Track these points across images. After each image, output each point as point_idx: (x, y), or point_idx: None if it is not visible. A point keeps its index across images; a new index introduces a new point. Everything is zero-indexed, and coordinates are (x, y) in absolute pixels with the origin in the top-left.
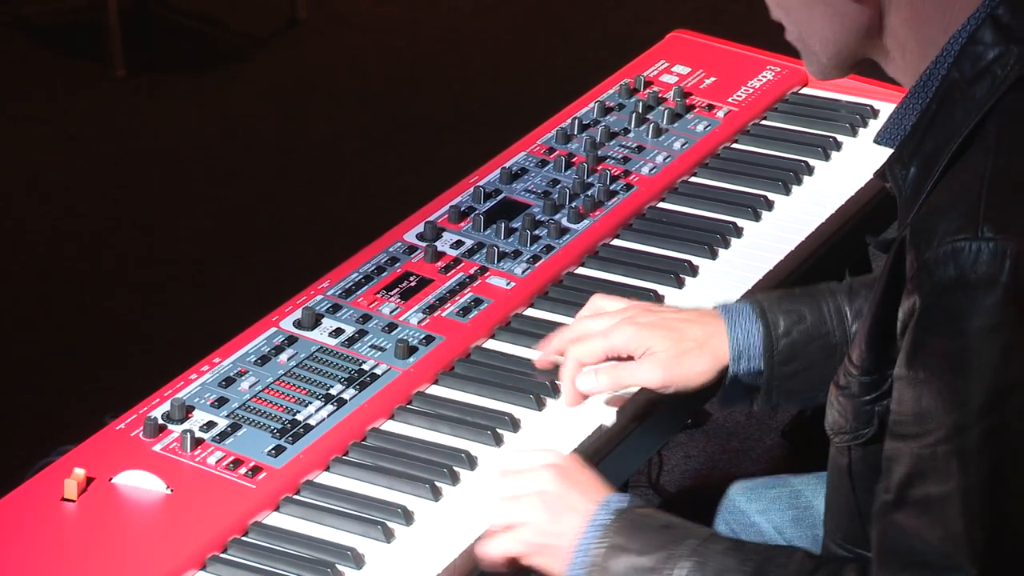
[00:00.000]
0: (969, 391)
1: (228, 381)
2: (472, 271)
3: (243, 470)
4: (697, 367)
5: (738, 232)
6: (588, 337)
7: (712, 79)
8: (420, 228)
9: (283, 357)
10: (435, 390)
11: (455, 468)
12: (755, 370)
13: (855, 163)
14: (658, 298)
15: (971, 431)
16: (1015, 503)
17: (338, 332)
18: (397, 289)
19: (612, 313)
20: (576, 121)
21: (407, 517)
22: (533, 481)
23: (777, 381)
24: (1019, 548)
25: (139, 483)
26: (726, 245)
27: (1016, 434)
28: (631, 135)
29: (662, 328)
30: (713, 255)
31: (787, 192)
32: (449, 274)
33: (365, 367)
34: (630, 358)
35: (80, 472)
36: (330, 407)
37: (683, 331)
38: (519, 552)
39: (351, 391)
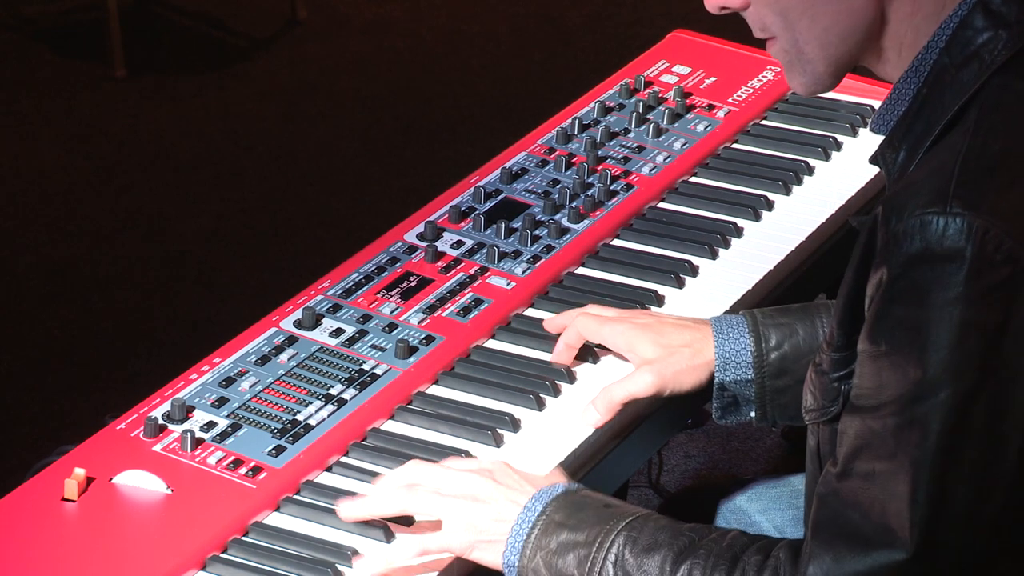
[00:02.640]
0: (925, 363)
1: (228, 381)
2: (472, 271)
3: (243, 470)
4: (686, 369)
5: (738, 232)
6: (592, 316)
7: (712, 79)
8: (420, 228)
9: (283, 357)
10: (435, 390)
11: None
12: (743, 380)
13: (855, 163)
14: (658, 298)
15: (923, 404)
16: (957, 483)
17: (338, 332)
18: (397, 289)
19: (615, 311)
20: (576, 121)
21: (407, 517)
22: (461, 483)
23: (769, 395)
24: (956, 529)
25: (139, 483)
26: (726, 245)
27: (964, 411)
28: (631, 135)
29: (653, 331)
30: (713, 255)
31: (787, 192)
32: (449, 274)
33: (365, 367)
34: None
35: (80, 472)
36: (330, 407)
37: (672, 335)
38: (455, 550)
39: (351, 391)
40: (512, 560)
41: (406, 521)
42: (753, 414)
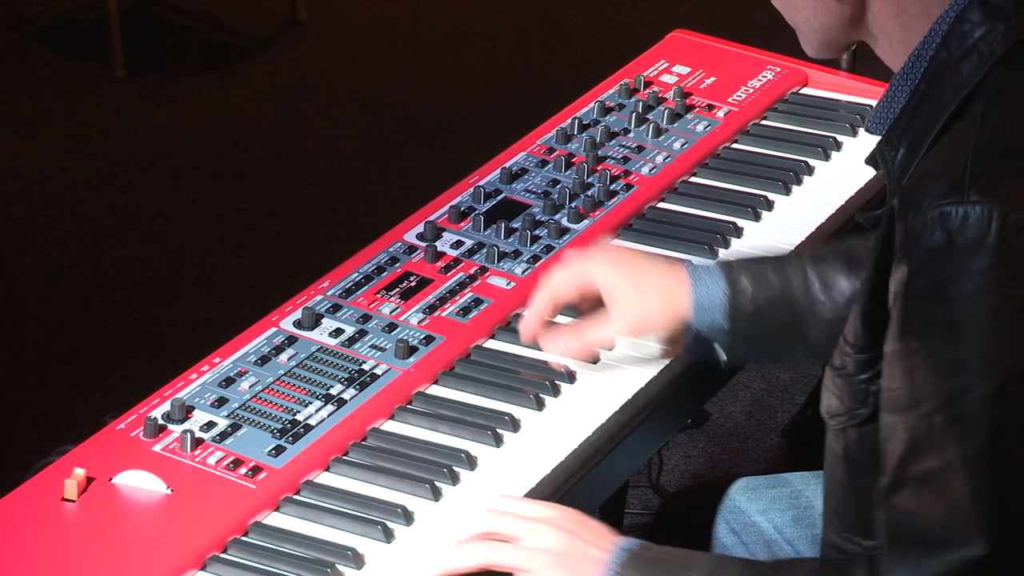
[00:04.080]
0: (962, 357)
1: (228, 381)
2: (472, 271)
3: (243, 470)
4: (656, 311)
5: (738, 232)
6: (563, 270)
7: (712, 79)
8: (420, 228)
9: (283, 357)
10: (435, 390)
11: (455, 468)
12: (717, 326)
13: (855, 163)
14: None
15: (967, 397)
16: (1018, 467)
17: (338, 332)
18: (397, 289)
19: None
20: (576, 121)
21: (407, 517)
22: (541, 538)
23: (742, 342)
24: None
25: (139, 483)
26: (726, 245)
27: (1013, 397)
28: (631, 135)
29: (630, 266)
30: (713, 255)
31: (787, 192)
32: (449, 274)
33: (365, 367)
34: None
35: (80, 472)
36: (330, 407)
37: (647, 277)
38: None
39: (351, 391)
40: None
41: (406, 519)
42: (724, 357)
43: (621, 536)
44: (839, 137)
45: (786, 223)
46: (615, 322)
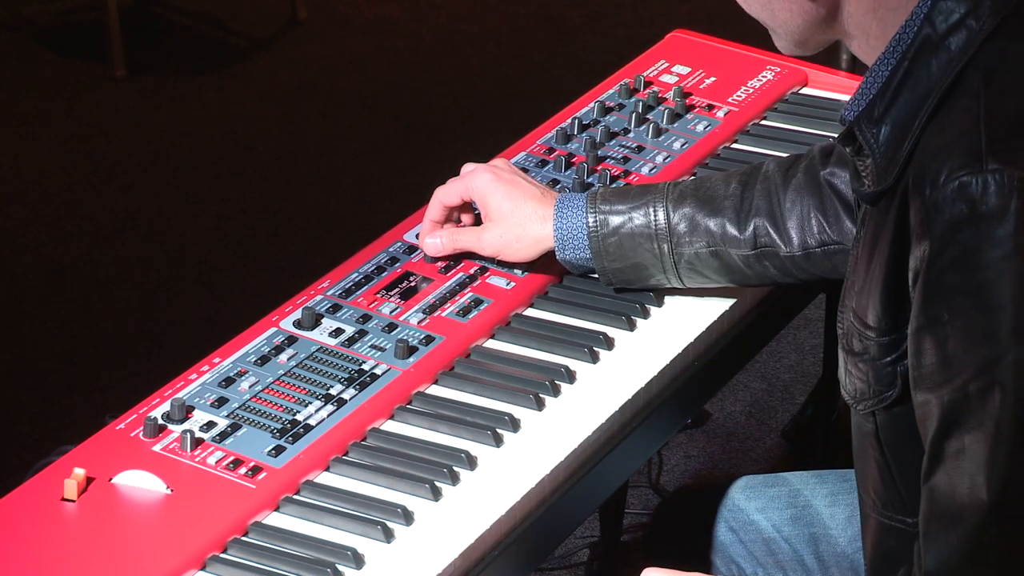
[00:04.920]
0: (994, 324)
1: (228, 381)
2: (472, 271)
3: (243, 470)
4: (521, 243)
5: None
6: (452, 180)
7: (712, 79)
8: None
9: (283, 357)
10: (435, 390)
11: (455, 468)
12: (582, 258)
13: None
14: (658, 298)
15: (1000, 365)
16: None
17: (338, 332)
18: (397, 289)
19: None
20: (576, 121)
21: (407, 517)
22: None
23: (609, 273)
24: None
25: (139, 483)
26: None
27: None
28: (631, 135)
29: (510, 185)
30: None
31: None
32: (449, 274)
33: (365, 367)
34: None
35: (80, 472)
36: (330, 407)
37: (522, 203)
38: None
39: (351, 391)
40: None
41: (406, 519)
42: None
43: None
44: None
45: None
46: (490, 235)
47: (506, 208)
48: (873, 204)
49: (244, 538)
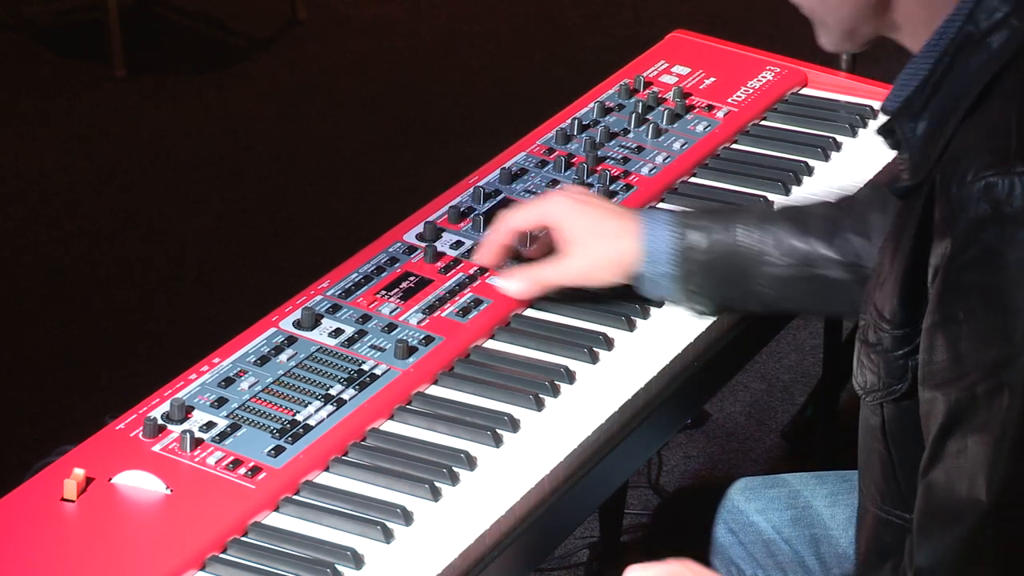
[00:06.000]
0: (1010, 327)
1: (228, 381)
2: (472, 271)
3: (243, 470)
4: (609, 259)
5: None
6: (523, 203)
7: (712, 79)
8: (420, 228)
9: (283, 357)
10: (435, 390)
11: (455, 468)
12: (663, 275)
13: (854, 164)
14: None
15: (1010, 368)
16: None
17: (338, 332)
18: (397, 289)
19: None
20: (576, 121)
21: (407, 517)
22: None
23: (692, 291)
24: None
25: (139, 483)
26: None
27: None
28: (631, 135)
29: (588, 208)
30: None
31: (786, 192)
32: (449, 274)
33: (365, 367)
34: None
35: (80, 472)
36: (330, 407)
37: (603, 221)
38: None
39: (351, 391)
40: None
41: (405, 519)
42: (673, 298)
43: None
44: (839, 138)
45: None
46: (570, 263)
47: (589, 229)
48: (904, 199)
49: (244, 538)
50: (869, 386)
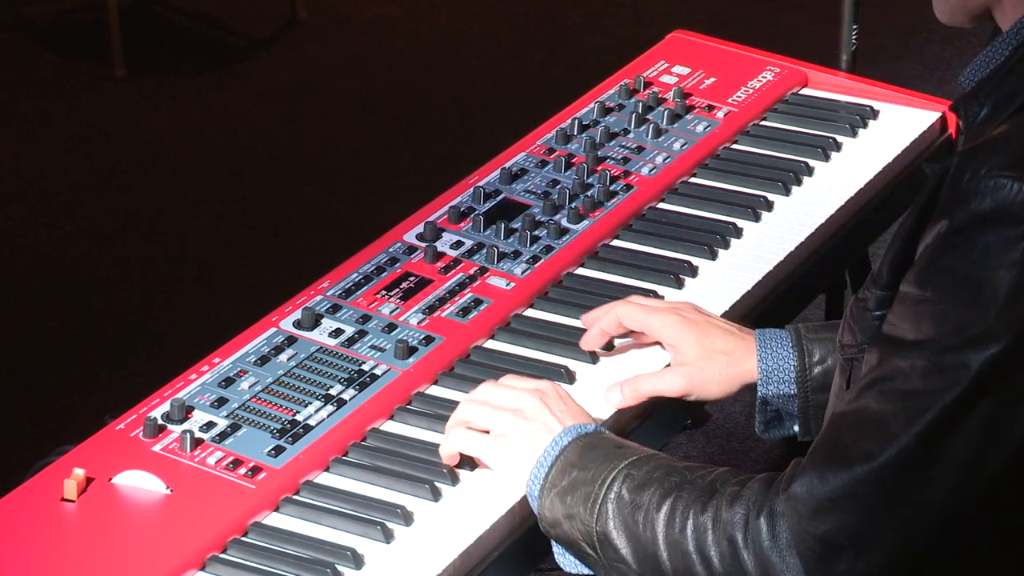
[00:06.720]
0: (970, 318)
1: (228, 381)
2: (472, 271)
3: (243, 470)
4: (719, 378)
5: (738, 232)
6: (636, 305)
7: (712, 80)
8: (420, 228)
9: (283, 357)
10: (435, 390)
11: (455, 468)
12: (785, 394)
13: (855, 164)
14: (658, 299)
15: (957, 355)
16: (960, 434)
17: (338, 332)
18: (397, 289)
19: (662, 302)
20: (576, 121)
21: (407, 517)
22: (516, 398)
23: (813, 410)
24: (941, 472)
25: (139, 483)
26: (726, 246)
27: (995, 371)
28: (631, 135)
29: (699, 330)
30: (713, 256)
31: (787, 193)
32: (449, 274)
33: (365, 367)
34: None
35: (80, 472)
36: (330, 407)
37: (716, 341)
38: (477, 454)
39: (351, 391)
40: (533, 492)
41: (405, 519)
42: (797, 428)
43: (589, 422)
44: (839, 138)
45: (786, 224)
46: (674, 379)
47: (698, 357)
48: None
49: (244, 538)
50: (846, 342)
